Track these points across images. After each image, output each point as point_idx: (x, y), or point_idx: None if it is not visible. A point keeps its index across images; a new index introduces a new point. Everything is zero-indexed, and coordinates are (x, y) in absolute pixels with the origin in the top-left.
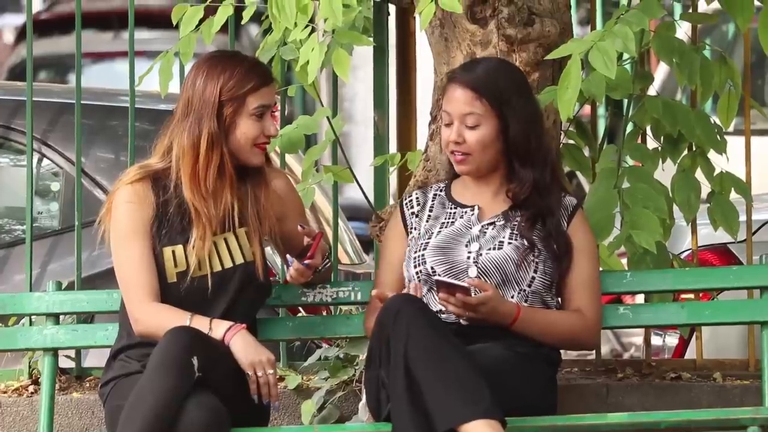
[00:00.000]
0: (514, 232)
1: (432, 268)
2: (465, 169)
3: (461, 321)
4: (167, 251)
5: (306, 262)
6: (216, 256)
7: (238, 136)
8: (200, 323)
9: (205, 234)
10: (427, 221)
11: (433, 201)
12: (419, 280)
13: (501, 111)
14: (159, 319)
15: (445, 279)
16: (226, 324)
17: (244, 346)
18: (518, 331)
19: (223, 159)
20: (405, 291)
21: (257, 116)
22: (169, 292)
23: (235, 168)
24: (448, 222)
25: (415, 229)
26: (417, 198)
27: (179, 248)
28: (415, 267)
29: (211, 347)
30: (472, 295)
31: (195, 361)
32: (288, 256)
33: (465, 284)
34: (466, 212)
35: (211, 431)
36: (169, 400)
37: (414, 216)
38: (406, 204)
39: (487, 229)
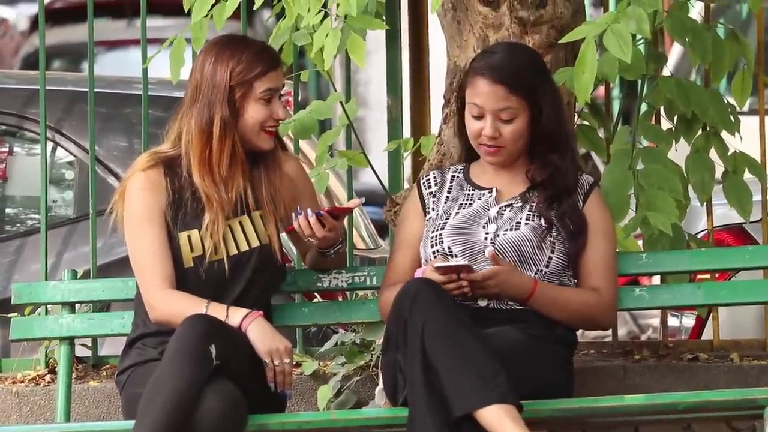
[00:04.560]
0: (532, 212)
1: (449, 248)
2: (497, 160)
3: (479, 302)
4: (183, 236)
5: (321, 212)
6: (232, 239)
7: (246, 120)
8: (217, 310)
9: (218, 218)
10: (445, 202)
11: (451, 182)
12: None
13: (533, 101)
14: (175, 306)
15: (443, 264)
16: (243, 311)
17: (261, 334)
18: (535, 306)
19: (235, 145)
20: (422, 270)
21: (265, 100)
22: (186, 277)
23: (246, 153)
24: (466, 204)
25: (432, 209)
26: (434, 178)
27: (195, 233)
28: (432, 246)
29: (228, 335)
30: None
31: (212, 349)
32: (309, 209)
33: (464, 262)
34: (484, 194)
35: (229, 419)
36: (187, 389)
37: (432, 196)
38: (424, 184)
39: (504, 210)
